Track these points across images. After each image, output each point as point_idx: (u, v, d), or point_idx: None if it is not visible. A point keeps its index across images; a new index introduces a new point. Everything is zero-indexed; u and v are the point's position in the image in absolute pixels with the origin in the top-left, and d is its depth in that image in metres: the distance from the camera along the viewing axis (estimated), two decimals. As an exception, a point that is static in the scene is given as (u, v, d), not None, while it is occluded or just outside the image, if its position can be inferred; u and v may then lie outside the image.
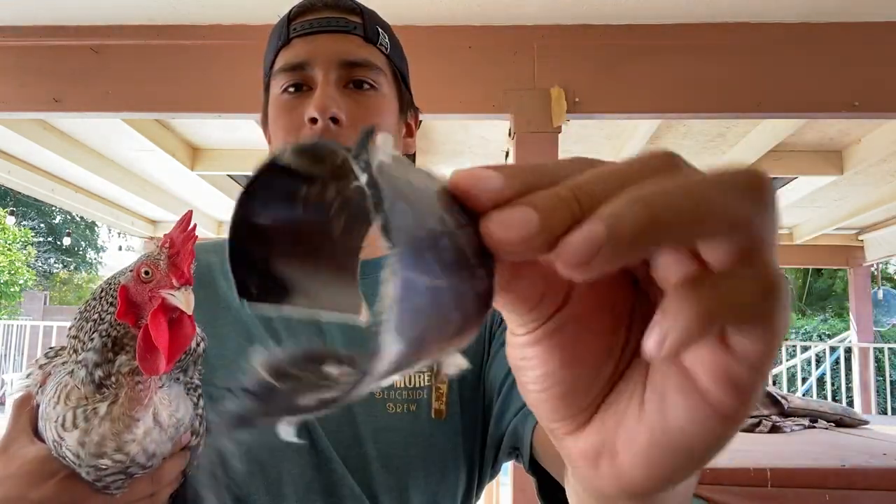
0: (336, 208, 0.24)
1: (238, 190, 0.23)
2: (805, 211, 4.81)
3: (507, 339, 0.29)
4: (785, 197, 4.25)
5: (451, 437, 0.71)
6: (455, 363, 0.22)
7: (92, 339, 0.54)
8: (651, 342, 0.20)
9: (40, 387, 0.58)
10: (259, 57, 0.80)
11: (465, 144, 3.61)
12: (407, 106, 0.80)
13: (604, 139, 3.44)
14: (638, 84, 2.23)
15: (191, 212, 0.56)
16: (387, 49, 0.76)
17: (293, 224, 0.24)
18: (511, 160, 2.54)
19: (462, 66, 2.25)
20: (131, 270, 0.55)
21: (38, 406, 0.57)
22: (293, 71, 0.72)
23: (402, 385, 0.70)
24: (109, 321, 0.54)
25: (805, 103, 2.19)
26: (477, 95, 2.26)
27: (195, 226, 0.54)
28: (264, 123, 0.81)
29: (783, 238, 5.60)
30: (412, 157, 0.87)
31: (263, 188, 0.23)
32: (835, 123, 3.16)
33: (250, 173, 0.23)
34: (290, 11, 0.75)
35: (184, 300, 0.51)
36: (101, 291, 0.57)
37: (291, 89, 0.73)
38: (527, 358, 0.27)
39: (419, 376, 0.70)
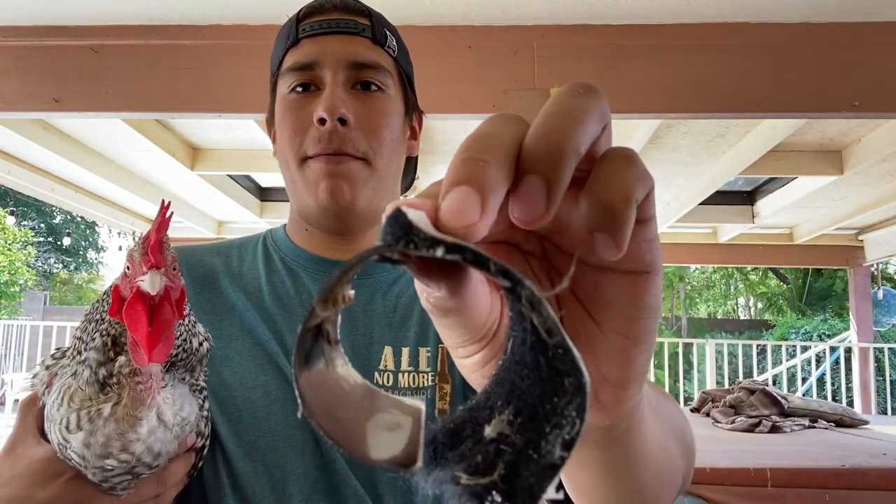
0: None
1: None
2: (805, 211, 4.81)
3: (457, 363, 0.33)
4: (785, 197, 4.24)
5: None
6: None
7: (93, 339, 0.54)
8: (603, 247, 0.23)
9: (46, 387, 0.58)
10: (259, 57, 0.80)
11: (465, 144, 3.60)
12: (412, 108, 0.81)
13: (604, 139, 3.43)
14: (638, 84, 2.22)
15: (168, 202, 0.56)
16: (394, 52, 0.76)
17: None
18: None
19: (462, 66, 2.25)
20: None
21: (44, 406, 0.57)
22: (302, 71, 0.73)
23: (407, 385, 0.70)
24: (109, 320, 0.54)
25: (805, 103, 2.19)
26: (477, 95, 2.25)
27: (171, 214, 0.54)
28: (270, 122, 0.81)
29: (783, 238, 5.59)
30: (415, 160, 0.87)
31: None
32: (835, 123, 3.16)
33: None
34: (299, 12, 0.76)
35: (149, 282, 0.50)
36: (105, 294, 0.57)
37: (299, 89, 0.73)
38: (478, 381, 0.32)
39: (423, 376, 0.70)
